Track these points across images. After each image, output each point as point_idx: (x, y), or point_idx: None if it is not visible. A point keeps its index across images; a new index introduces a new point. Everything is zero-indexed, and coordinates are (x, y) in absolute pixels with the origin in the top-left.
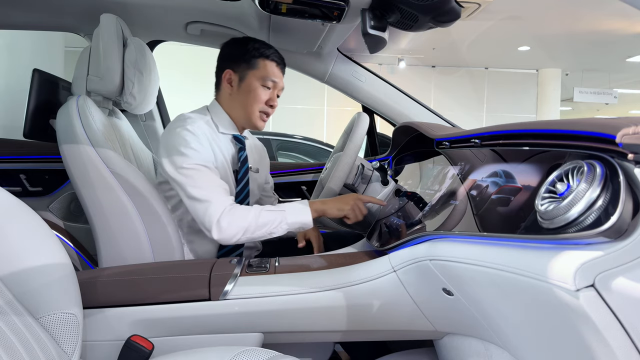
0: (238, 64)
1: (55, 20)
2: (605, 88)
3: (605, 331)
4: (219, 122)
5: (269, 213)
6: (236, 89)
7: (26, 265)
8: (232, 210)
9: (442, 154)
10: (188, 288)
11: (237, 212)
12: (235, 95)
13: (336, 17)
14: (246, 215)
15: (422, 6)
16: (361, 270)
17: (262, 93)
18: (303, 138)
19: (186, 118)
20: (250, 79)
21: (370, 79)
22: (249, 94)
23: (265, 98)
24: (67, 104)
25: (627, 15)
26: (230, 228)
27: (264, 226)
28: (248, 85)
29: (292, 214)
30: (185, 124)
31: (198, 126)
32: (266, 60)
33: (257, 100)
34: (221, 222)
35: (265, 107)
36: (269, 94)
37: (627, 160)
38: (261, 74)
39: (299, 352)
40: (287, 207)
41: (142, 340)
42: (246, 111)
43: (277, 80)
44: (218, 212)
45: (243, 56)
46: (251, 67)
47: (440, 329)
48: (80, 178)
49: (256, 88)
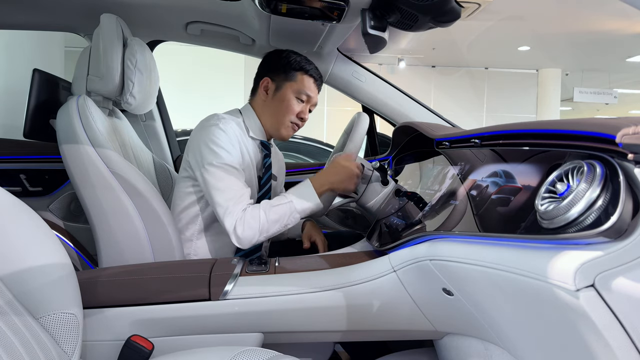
0: (277, 73)
1: (55, 20)
2: (605, 88)
3: (605, 331)
4: (250, 126)
5: (277, 208)
6: (271, 97)
7: (26, 265)
8: (244, 217)
9: (442, 154)
10: (188, 288)
11: (248, 216)
12: (269, 103)
13: (336, 17)
14: (257, 216)
15: (422, 6)
16: (361, 270)
17: (295, 105)
18: (303, 138)
19: (220, 117)
20: (286, 89)
21: (370, 79)
22: (282, 103)
23: (298, 110)
24: (67, 104)
25: (627, 15)
26: (245, 234)
27: (276, 222)
28: (283, 96)
29: (299, 202)
30: (219, 122)
31: (230, 126)
32: (304, 75)
33: (289, 111)
34: (237, 230)
35: (296, 119)
36: (302, 107)
37: (627, 160)
38: (297, 86)
39: (299, 352)
40: (294, 195)
41: (142, 340)
42: (277, 120)
43: (312, 95)
44: (233, 222)
45: (283, 67)
46: (289, 79)
47: (440, 329)
48: (80, 178)
49: (290, 99)
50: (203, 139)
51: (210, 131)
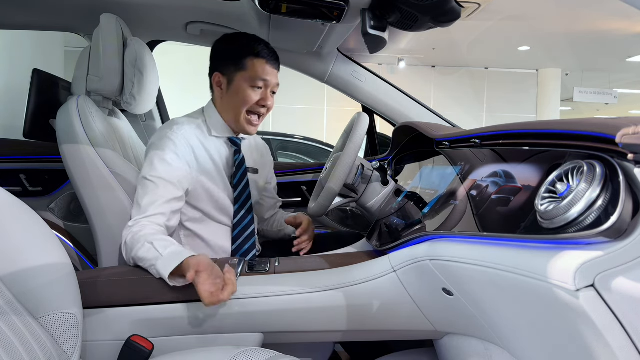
0: (226, 66)
1: (55, 20)
2: (605, 88)
3: (605, 331)
4: (212, 125)
5: (148, 252)
6: (225, 92)
7: (26, 265)
8: (137, 235)
9: (442, 154)
10: (188, 288)
11: (137, 237)
12: (226, 98)
13: (336, 17)
14: (135, 245)
15: (422, 6)
16: (361, 270)
17: (252, 95)
18: (303, 138)
19: (173, 125)
20: (238, 81)
21: (370, 79)
22: (237, 96)
23: (256, 99)
24: (67, 104)
25: (627, 15)
26: (126, 248)
27: (139, 261)
28: (237, 88)
29: (162, 263)
30: (170, 131)
31: (182, 134)
32: (255, 59)
33: (246, 103)
34: (127, 239)
35: (256, 107)
36: (260, 94)
37: (627, 160)
38: (249, 74)
39: (299, 352)
40: (168, 252)
41: (142, 340)
42: (236, 114)
43: (268, 79)
44: (127, 234)
45: (231, 57)
46: (239, 69)
47: (440, 329)
48: (80, 178)
49: (245, 90)
50: (149, 148)
51: (157, 143)
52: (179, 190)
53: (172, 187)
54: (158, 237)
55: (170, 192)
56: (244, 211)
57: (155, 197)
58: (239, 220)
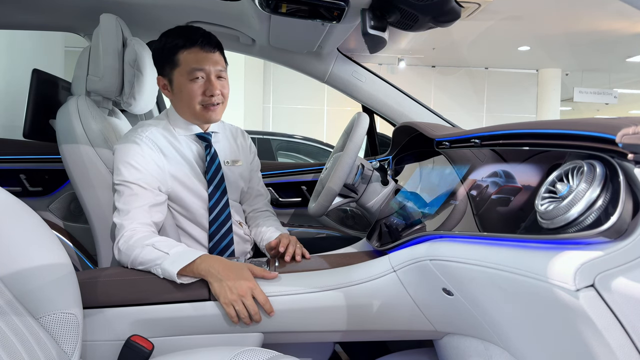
0: (163, 67)
1: (55, 20)
2: (605, 88)
3: (605, 331)
4: (176, 125)
5: (150, 253)
6: (172, 93)
7: (26, 265)
8: (130, 240)
9: (442, 154)
10: (188, 288)
11: (132, 242)
12: (175, 98)
13: (336, 17)
14: (133, 250)
15: (422, 6)
16: (361, 270)
17: (194, 88)
18: (303, 138)
19: (138, 127)
20: (177, 79)
21: (370, 79)
22: (182, 93)
23: (202, 90)
24: (67, 104)
25: (627, 15)
26: (121, 255)
27: (141, 265)
28: (179, 86)
29: (169, 261)
30: (134, 135)
31: (147, 135)
32: (184, 52)
33: (191, 98)
34: (120, 247)
35: (205, 99)
36: (204, 84)
37: (627, 160)
38: (184, 69)
39: (299, 352)
40: (175, 251)
41: (142, 340)
42: (189, 110)
43: (205, 67)
44: (118, 239)
45: (163, 58)
46: (174, 67)
47: (440, 329)
48: (80, 178)
49: (186, 85)
50: (115, 155)
51: (122, 148)
52: (150, 191)
53: (143, 189)
54: (156, 238)
55: (143, 193)
56: (219, 208)
57: (129, 199)
58: (215, 217)
